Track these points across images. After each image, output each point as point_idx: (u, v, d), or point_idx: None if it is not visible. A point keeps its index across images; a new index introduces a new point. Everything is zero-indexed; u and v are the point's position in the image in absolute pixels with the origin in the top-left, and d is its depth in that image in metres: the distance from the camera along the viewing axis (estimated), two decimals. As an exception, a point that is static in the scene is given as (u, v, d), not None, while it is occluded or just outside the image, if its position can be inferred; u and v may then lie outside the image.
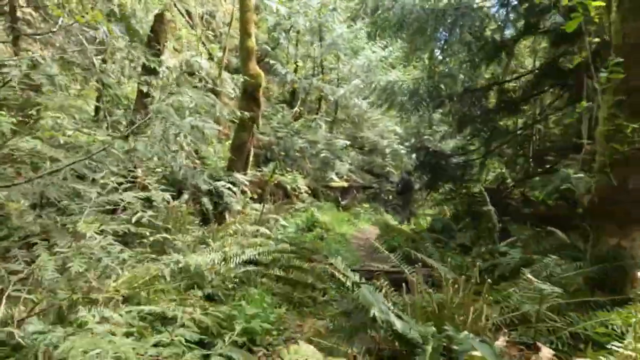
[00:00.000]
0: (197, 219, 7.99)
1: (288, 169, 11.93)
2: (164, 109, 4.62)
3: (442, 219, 7.26)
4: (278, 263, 4.60)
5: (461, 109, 8.48)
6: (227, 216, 8.45)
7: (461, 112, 8.46)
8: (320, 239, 7.68)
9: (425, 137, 9.42)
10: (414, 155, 9.15)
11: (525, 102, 8.39)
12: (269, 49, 16.41)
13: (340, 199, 13.42)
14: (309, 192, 11.68)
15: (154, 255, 4.10)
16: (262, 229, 5.03)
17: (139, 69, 6.41)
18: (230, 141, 11.78)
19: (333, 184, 13.13)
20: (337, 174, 13.57)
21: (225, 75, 14.33)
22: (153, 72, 6.01)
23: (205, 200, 8.23)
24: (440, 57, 8.31)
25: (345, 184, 13.62)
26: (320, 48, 15.12)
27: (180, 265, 4.06)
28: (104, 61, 6.47)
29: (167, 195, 7.10)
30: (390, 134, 15.14)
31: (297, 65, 15.66)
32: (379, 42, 15.54)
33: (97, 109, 7.04)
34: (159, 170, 8.23)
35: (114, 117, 7.20)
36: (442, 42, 7.53)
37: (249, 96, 8.81)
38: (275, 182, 10.69)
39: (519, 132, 8.38)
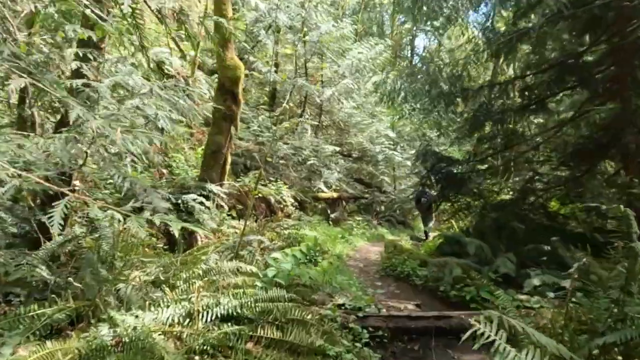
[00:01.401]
0: (161, 243, 6.46)
1: (271, 178, 10.47)
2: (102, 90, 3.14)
3: (460, 237, 5.95)
4: (270, 316, 3.15)
5: (476, 108, 7.26)
6: (198, 237, 6.92)
7: (476, 112, 7.23)
8: (315, 264, 6.24)
9: (430, 140, 8.18)
10: (418, 162, 7.85)
11: (549, 100, 7.25)
12: (248, 47, 14.95)
13: (329, 211, 12.02)
14: (295, 204, 10.24)
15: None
16: (247, 266, 3.55)
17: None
18: (203, 147, 10.30)
19: (321, 195, 11.73)
20: (325, 183, 12.20)
21: (200, 75, 12.84)
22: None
23: (171, 218, 6.68)
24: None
25: (335, 195, 12.24)
26: (304, 46, 13.79)
27: (114, 336, 2.57)
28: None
29: (117, 215, 5.57)
30: (382, 139, 13.87)
31: (278, 65, 14.25)
32: (367, 42, 14.40)
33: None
34: (113, 179, 6.67)
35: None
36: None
37: (226, 92, 7.35)
38: (258, 194, 9.21)
39: (542, 135, 7.20)
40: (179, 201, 6.89)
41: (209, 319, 3.00)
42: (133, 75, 3.81)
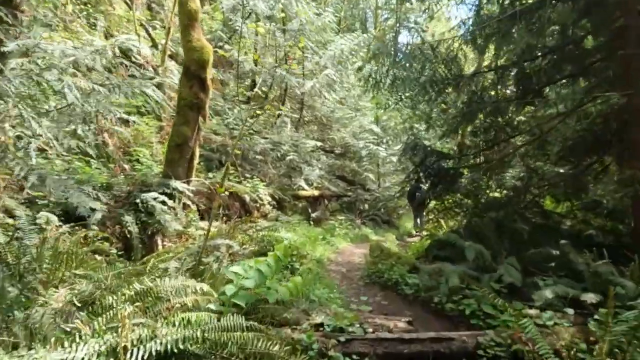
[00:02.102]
0: (116, 248, 5.64)
1: (247, 175, 9.68)
2: None
3: (455, 239, 5.29)
4: (224, 351, 2.41)
5: (469, 97, 6.63)
6: (159, 241, 6.11)
7: (469, 101, 6.61)
8: (292, 272, 5.51)
9: (418, 133, 7.51)
10: (406, 157, 7.19)
11: (547, 89, 6.68)
12: (224, 37, 14.07)
13: (310, 210, 11.29)
14: (273, 203, 9.48)
15: None
16: (198, 285, 2.78)
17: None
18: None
19: (302, 193, 10.99)
20: (306, 180, 11.46)
21: (172, 65, 11.96)
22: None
23: (128, 219, 5.89)
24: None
25: (316, 193, 11.51)
26: (284, 35, 13.02)
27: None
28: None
29: (53, 217, 4.71)
30: (365, 134, 13.20)
31: (257, 55, 13.42)
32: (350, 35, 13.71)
33: None
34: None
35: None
36: None
37: (193, 77, 6.53)
38: (229, 192, 8.42)
39: (539, 127, 6.61)
40: (138, 200, 6.09)
41: (139, 359, 2.24)
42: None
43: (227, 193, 8.00)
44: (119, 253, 5.53)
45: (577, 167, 6.72)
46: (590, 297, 3.33)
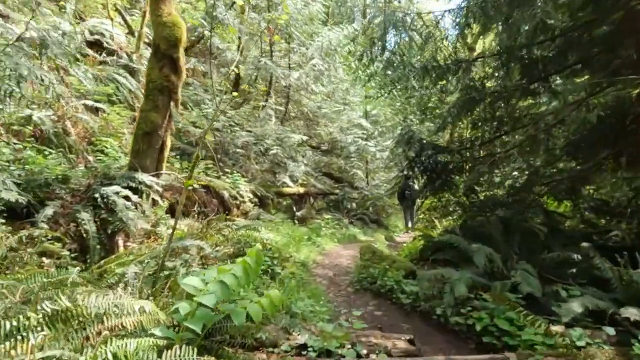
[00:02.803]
0: (67, 250, 4.87)
1: (226, 170, 8.95)
2: None
3: (458, 241, 4.67)
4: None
5: (469, 84, 6.06)
6: (120, 242, 5.37)
7: (468, 88, 6.03)
8: (272, 277, 4.83)
9: (412, 125, 6.89)
10: (399, 150, 6.59)
11: (554, 78, 6.15)
12: (207, 25, 13.26)
13: (294, 209, 10.61)
14: (255, 200, 8.77)
15: None
16: (140, 303, 2.08)
17: None
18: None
19: (286, 190, 10.30)
20: (291, 177, 10.77)
21: (148, 52, 11.15)
22: None
23: (84, 216, 5.14)
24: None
25: (301, 190, 10.84)
26: (269, 24, 12.28)
27: None
28: None
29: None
30: (354, 129, 12.57)
31: (241, 46, 12.65)
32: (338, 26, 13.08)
33: None
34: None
35: None
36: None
37: (163, 57, 5.79)
38: (206, 187, 7.69)
39: (545, 119, 6.08)
40: (97, 195, 5.35)
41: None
42: None
43: (196, 187, 7.26)
44: (73, 255, 4.80)
45: (584, 164, 6.21)
46: (633, 313, 2.75)
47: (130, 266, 4.40)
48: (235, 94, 9.41)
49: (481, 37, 6.44)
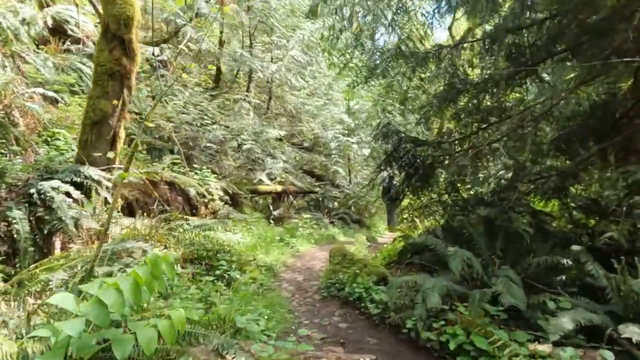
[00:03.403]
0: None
1: (196, 166, 8.37)
2: None
3: (435, 243, 4.16)
4: None
5: (451, 73, 5.58)
6: (58, 243, 4.78)
7: (451, 77, 5.55)
8: (228, 284, 4.29)
9: (391, 116, 6.32)
10: (377, 144, 6.10)
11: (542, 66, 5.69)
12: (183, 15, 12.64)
13: (271, 208, 10.06)
14: (226, 198, 8.20)
15: None
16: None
17: None
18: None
19: (262, 188, 9.74)
20: (269, 174, 10.21)
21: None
22: None
23: (16, 214, 4.59)
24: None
25: (279, 188, 10.29)
26: (249, 15, 11.70)
27: None
28: None
29: None
30: (336, 125, 12.04)
31: (222, 42, 12.00)
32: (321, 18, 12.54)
33: None
34: None
35: None
36: None
37: (113, 38, 5.20)
38: (168, 183, 7.12)
39: (532, 110, 5.61)
40: (33, 190, 4.77)
41: None
42: None
43: (166, 182, 6.68)
44: (1, 258, 4.24)
45: (572, 160, 5.76)
46: (634, 333, 2.27)
47: (57, 272, 3.84)
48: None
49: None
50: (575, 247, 3.23)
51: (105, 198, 5.53)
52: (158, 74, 10.62)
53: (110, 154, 5.27)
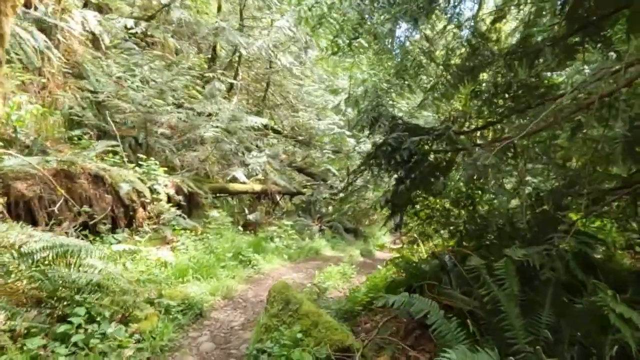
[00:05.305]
0: None
1: (141, 155, 6.67)
2: None
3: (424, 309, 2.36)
4: None
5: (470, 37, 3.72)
6: None
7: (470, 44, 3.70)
8: (85, 346, 2.56)
9: (382, 95, 4.44)
10: (365, 133, 4.32)
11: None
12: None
13: (247, 211, 8.33)
14: (179, 198, 6.50)
15: None
16: None
17: None
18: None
19: (234, 187, 8.02)
20: (251, 170, 8.48)
21: (76, 6, 8.92)
22: None
23: None
24: None
25: (257, 187, 8.55)
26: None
27: None
28: None
29: None
30: (330, 113, 10.24)
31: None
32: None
33: None
34: None
35: None
36: None
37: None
38: (89, 174, 5.44)
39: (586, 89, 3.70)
40: None
41: None
42: None
43: (84, 173, 4.99)
44: None
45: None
46: None
47: None
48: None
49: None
50: None
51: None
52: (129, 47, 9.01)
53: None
